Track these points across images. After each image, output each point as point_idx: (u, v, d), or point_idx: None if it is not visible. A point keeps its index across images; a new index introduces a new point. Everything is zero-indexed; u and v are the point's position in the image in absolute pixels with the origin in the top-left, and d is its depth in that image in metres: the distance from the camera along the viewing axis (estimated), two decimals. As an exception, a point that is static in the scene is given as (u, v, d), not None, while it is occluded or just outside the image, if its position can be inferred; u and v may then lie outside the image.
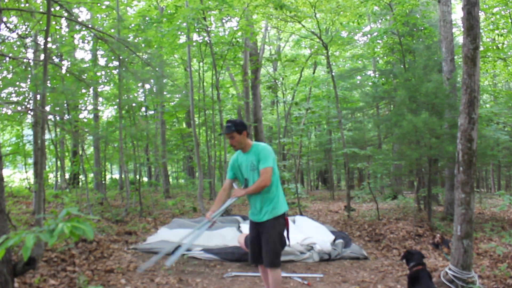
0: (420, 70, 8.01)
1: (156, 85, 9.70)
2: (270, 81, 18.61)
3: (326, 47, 10.95)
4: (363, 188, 10.44)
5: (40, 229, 2.00)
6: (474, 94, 3.99)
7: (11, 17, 6.96)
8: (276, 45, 20.38)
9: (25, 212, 8.19)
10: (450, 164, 7.50)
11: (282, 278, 4.18)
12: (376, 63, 17.28)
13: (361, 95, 14.46)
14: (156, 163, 11.87)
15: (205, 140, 14.06)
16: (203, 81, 13.52)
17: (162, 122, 15.32)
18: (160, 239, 6.24)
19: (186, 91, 12.99)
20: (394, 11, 10.30)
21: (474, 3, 4.01)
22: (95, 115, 13.49)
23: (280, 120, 19.88)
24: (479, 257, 5.28)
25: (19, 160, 15.07)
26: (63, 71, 7.91)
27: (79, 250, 5.11)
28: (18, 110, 7.50)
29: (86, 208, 8.32)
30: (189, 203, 11.62)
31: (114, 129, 10.38)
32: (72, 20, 7.18)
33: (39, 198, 4.62)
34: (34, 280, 3.86)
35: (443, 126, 7.39)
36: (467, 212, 3.99)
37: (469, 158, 3.99)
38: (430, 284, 3.46)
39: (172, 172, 25.07)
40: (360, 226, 7.93)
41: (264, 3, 9.82)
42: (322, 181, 27.77)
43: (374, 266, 5.23)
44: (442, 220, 7.75)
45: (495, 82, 19.16)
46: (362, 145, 12.77)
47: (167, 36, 9.58)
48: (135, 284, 4.25)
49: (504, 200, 5.54)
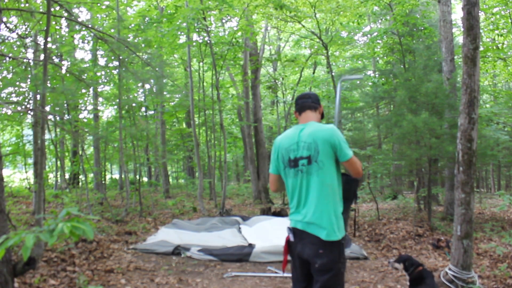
0: (420, 70, 8.01)
1: (156, 85, 9.70)
2: (270, 81, 18.61)
3: (326, 47, 10.96)
4: (363, 188, 10.44)
5: (40, 229, 2.00)
6: (474, 94, 3.99)
7: (11, 17, 6.96)
8: (276, 45, 20.37)
9: (25, 212, 8.19)
10: (450, 164, 7.50)
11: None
12: (376, 63, 17.27)
13: (361, 95, 14.46)
14: (156, 163, 11.88)
15: (205, 140, 14.06)
16: (203, 81, 13.52)
17: (162, 122, 15.32)
18: (160, 239, 6.25)
19: (186, 91, 12.99)
20: (394, 11, 10.29)
21: (474, 3, 4.01)
22: (95, 115, 13.49)
23: (280, 120, 19.88)
24: (479, 257, 5.28)
25: (19, 160, 15.07)
26: (63, 71, 7.91)
27: (79, 250, 5.11)
28: (18, 110, 7.50)
29: (86, 208, 8.32)
30: (189, 203, 11.62)
31: (114, 129, 10.38)
32: (72, 20, 7.18)
33: (39, 198, 4.62)
34: (34, 280, 3.86)
35: (443, 126, 7.39)
36: (467, 212, 3.99)
37: (469, 158, 3.99)
38: (434, 283, 3.47)
39: (172, 172, 25.07)
40: (360, 226, 7.93)
41: (264, 3, 9.83)
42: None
43: (374, 266, 5.23)
44: (442, 220, 7.75)
45: (495, 82, 19.15)
46: (362, 145, 12.77)
47: (167, 36, 9.59)
48: (135, 284, 4.25)
49: (504, 200, 5.53)
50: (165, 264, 5.13)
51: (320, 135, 2.31)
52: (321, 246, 2.24)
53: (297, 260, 2.38)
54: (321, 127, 2.36)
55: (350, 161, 2.31)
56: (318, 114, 2.54)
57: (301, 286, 2.40)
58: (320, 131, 2.33)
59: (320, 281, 2.25)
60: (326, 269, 2.24)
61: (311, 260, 2.28)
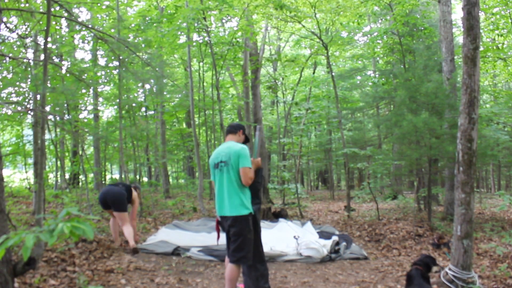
0: (420, 70, 8.01)
1: (156, 85, 9.71)
2: (270, 81, 18.60)
3: (326, 47, 10.95)
4: (363, 188, 10.45)
5: (40, 229, 2.00)
6: (474, 94, 3.99)
7: (11, 17, 6.96)
8: (276, 45, 20.36)
9: (25, 212, 8.19)
10: (450, 164, 7.50)
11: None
12: (376, 63, 17.27)
13: (361, 95, 14.47)
14: (156, 163, 11.88)
15: (205, 140, 14.06)
16: (203, 81, 13.52)
17: (162, 122, 15.31)
18: (160, 239, 6.24)
19: (186, 91, 12.99)
20: (394, 11, 10.29)
21: (474, 3, 4.01)
22: (95, 115, 13.50)
23: (280, 120, 19.89)
24: (479, 257, 5.28)
25: (19, 160, 15.07)
26: (63, 71, 7.92)
27: (79, 250, 5.11)
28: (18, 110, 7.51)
29: (86, 208, 8.32)
30: (189, 203, 11.61)
31: (114, 129, 10.40)
32: (72, 20, 7.18)
33: (39, 198, 4.62)
34: (34, 280, 3.86)
35: (443, 126, 7.39)
36: (467, 212, 3.99)
37: (469, 158, 3.99)
38: (423, 283, 3.46)
39: (172, 172, 25.06)
40: (360, 226, 7.93)
41: (264, 3, 9.82)
42: (322, 181, 27.78)
43: (374, 266, 5.23)
44: (442, 220, 7.75)
45: (495, 82, 19.14)
46: (362, 145, 12.76)
47: (167, 36, 9.58)
48: (135, 284, 4.25)
49: (504, 200, 5.53)
50: (165, 264, 5.13)
51: (233, 150, 3.54)
52: (232, 221, 3.47)
53: (226, 233, 3.61)
54: (235, 145, 3.60)
55: (242, 169, 3.47)
56: (238, 136, 3.79)
57: (228, 248, 3.60)
58: (234, 147, 3.57)
59: (234, 242, 3.47)
60: (237, 235, 3.45)
61: (229, 230, 3.52)
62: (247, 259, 3.48)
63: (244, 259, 3.48)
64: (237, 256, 3.47)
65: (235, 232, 3.45)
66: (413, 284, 3.46)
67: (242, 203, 3.47)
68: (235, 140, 3.75)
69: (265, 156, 13.48)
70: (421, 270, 3.59)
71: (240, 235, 3.44)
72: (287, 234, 6.45)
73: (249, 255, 3.48)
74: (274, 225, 7.50)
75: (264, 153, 13.45)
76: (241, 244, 3.44)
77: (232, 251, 3.49)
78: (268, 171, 19.12)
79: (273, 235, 6.39)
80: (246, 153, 3.52)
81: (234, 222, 3.45)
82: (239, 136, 3.80)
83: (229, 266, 3.53)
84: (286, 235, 6.36)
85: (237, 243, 3.44)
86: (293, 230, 6.73)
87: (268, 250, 5.38)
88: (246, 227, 3.46)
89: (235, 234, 3.45)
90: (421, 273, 3.54)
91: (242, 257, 3.46)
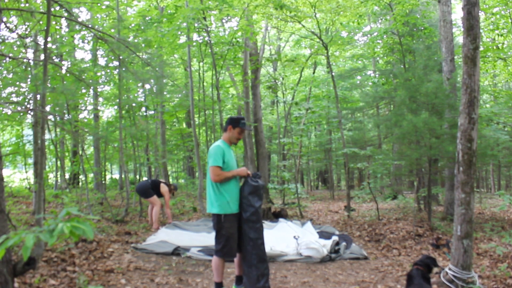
0: (420, 70, 8.01)
1: (156, 85, 9.69)
2: (270, 81, 18.60)
3: (326, 47, 10.95)
4: (363, 188, 10.45)
5: (40, 229, 2.00)
6: (474, 94, 3.99)
7: (11, 17, 6.95)
8: (276, 45, 20.36)
9: (25, 212, 8.18)
10: (450, 164, 7.50)
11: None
12: (376, 63, 17.28)
13: (361, 95, 14.46)
14: (156, 163, 11.85)
15: (205, 140, 14.05)
16: (203, 81, 13.51)
17: (162, 122, 15.29)
18: (160, 239, 6.25)
19: (186, 91, 12.99)
20: (394, 11, 10.29)
21: (474, 3, 4.01)
22: (95, 115, 13.50)
23: (280, 120, 19.89)
24: (479, 257, 5.27)
25: (19, 160, 15.05)
26: (63, 71, 7.92)
27: (79, 250, 5.11)
28: (18, 110, 7.50)
29: (86, 208, 8.32)
30: (189, 203, 11.62)
31: (114, 129, 10.38)
32: (72, 20, 7.18)
33: (39, 198, 4.61)
34: (34, 280, 3.86)
35: (443, 126, 7.39)
36: (467, 212, 3.99)
37: (469, 158, 3.99)
38: (424, 283, 3.46)
39: (172, 172, 25.05)
40: (360, 226, 7.93)
41: (264, 3, 9.82)
42: (322, 181, 27.79)
43: (374, 266, 5.23)
44: (442, 220, 7.75)
45: (495, 82, 19.15)
46: (362, 145, 12.77)
47: (167, 36, 9.57)
48: (135, 284, 4.25)
49: (504, 200, 5.53)
50: (165, 264, 5.14)
51: (209, 150, 3.77)
52: (212, 216, 3.79)
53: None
54: (213, 144, 3.80)
55: (209, 168, 3.69)
56: (228, 132, 3.91)
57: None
58: (211, 147, 3.79)
59: (214, 236, 3.81)
60: (214, 227, 3.79)
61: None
62: (223, 254, 3.72)
63: (219, 252, 3.72)
64: (215, 249, 3.77)
65: (212, 226, 3.86)
66: (413, 284, 3.46)
67: (212, 202, 3.75)
68: (226, 136, 3.92)
69: (264, 156, 13.48)
70: (422, 271, 3.58)
71: (215, 230, 3.77)
72: (287, 234, 6.44)
73: (225, 250, 3.71)
74: (274, 225, 7.49)
75: (264, 153, 13.45)
76: (216, 238, 3.76)
77: (214, 244, 3.83)
78: (268, 171, 19.12)
79: (273, 235, 6.39)
80: (214, 152, 3.70)
81: (212, 217, 3.80)
82: (230, 131, 3.90)
83: (213, 256, 3.84)
84: (286, 235, 6.36)
85: (215, 237, 3.77)
86: (293, 230, 6.73)
87: (268, 250, 5.36)
88: (218, 223, 3.72)
89: (213, 228, 3.82)
90: (422, 273, 3.54)
91: (218, 250, 3.73)
